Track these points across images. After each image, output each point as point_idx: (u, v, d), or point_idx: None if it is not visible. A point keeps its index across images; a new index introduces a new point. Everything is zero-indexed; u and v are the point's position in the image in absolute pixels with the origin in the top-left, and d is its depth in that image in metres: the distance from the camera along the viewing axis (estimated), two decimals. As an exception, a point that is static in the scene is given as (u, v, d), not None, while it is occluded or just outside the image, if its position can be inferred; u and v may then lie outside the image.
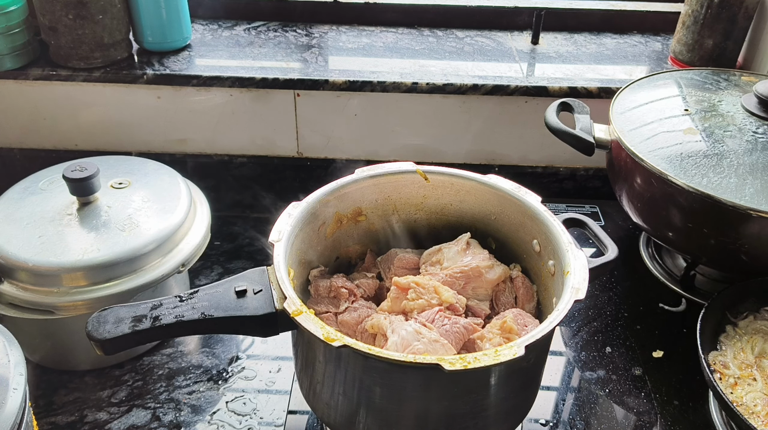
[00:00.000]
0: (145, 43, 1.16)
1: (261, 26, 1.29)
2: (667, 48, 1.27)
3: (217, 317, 0.64)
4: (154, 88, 1.15)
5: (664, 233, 0.91)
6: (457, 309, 0.73)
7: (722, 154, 0.85)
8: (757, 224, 0.79)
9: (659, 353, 0.89)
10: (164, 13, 1.13)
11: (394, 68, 1.16)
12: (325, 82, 1.12)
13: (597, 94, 1.12)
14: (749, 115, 0.91)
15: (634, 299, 0.98)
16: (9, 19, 1.06)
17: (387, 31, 1.30)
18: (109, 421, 0.80)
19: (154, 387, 0.84)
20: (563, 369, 0.88)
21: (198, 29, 1.26)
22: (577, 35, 1.30)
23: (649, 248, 1.07)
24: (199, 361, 0.88)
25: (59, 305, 0.79)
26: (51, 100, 1.17)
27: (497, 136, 1.21)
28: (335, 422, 0.69)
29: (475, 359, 0.57)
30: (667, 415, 0.82)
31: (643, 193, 0.89)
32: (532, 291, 0.79)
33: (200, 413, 0.81)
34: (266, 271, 0.68)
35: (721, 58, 1.14)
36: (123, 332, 0.62)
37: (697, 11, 1.12)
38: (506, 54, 1.22)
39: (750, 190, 0.79)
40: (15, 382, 0.58)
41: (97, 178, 0.86)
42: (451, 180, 0.82)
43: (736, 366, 0.77)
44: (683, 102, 0.96)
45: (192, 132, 1.21)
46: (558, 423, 0.81)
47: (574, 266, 0.69)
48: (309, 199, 0.78)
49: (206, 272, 1.02)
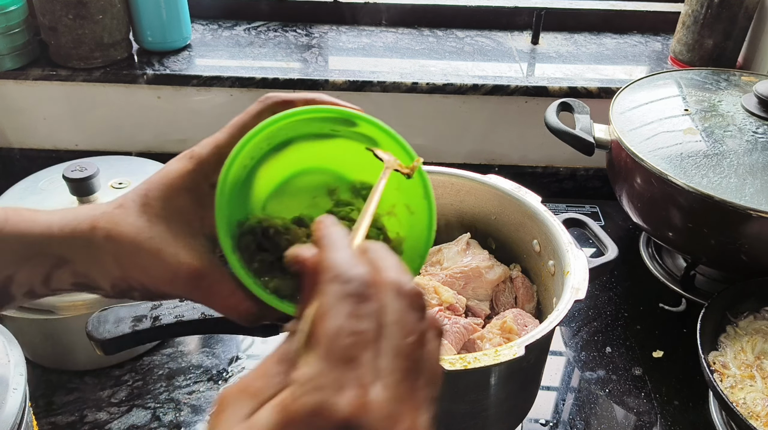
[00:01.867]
0: (145, 43, 1.16)
1: (261, 26, 1.29)
2: (667, 48, 1.27)
3: (218, 316, 0.64)
4: (154, 88, 1.15)
5: (664, 233, 0.91)
6: (457, 309, 0.73)
7: (722, 154, 0.85)
8: (757, 224, 0.79)
9: (659, 353, 0.89)
10: (164, 13, 1.13)
11: (394, 68, 1.16)
12: (325, 82, 1.12)
13: (597, 94, 1.12)
14: (749, 115, 0.91)
15: (634, 299, 0.98)
16: (9, 19, 1.06)
17: (387, 31, 1.30)
18: (109, 421, 0.80)
19: (154, 387, 0.84)
20: (563, 369, 0.88)
21: (198, 29, 1.26)
22: (577, 35, 1.30)
23: (649, 248, 1.07)
24: (199, 361, 0.88)
25: (59, 305, 0.79)
26: (51, 100, 1.17)
27: (497, 136, 1.20)
28: (335, 422, 0.69)
29: (475, 359, 0.57)
30: (667, 415, 0.82)
31: (643, 193, 0.89)
32: (532, 291, 0.79)
33: (200, 413, 0.81)
34: (266, 271, 0.68)
35: (721, 58, 1.14)
36: (123, 332, 0.62)
37: (697, 11, 1.12)
38: (506, 54, 1.22)
39: (750, 190, 0.79)
40: (15, 382, 0.58)
41: (97, 178, 0.86)
42: (450, 180, 0.82)
43: (736, 366, 0.77)
44: (683, 102, 0.96)
45: (192, 132, 1.21)
46: (558, 423, 0.81)
47: (574, 266, 0.69)
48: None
49: (206, 272, 1.02)
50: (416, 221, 0.44)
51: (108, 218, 0.36)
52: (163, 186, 0.37)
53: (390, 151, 0.40)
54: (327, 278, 0.28)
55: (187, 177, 0.38)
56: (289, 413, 0.26)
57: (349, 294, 0.27)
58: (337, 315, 0.27)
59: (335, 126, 0.41)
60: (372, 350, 0.26)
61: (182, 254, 0.37)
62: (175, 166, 0.38)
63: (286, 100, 0.39)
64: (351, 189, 0.44)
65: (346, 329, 0.26)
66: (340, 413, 0.25)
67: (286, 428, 0.25)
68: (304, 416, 0.25)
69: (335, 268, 0.28)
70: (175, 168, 0.38)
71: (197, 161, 0.38)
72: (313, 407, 0.25)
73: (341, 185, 0.44)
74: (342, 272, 0.28)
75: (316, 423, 0.25)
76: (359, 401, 0.25)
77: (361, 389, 0.26)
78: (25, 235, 0.36)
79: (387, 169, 0.38)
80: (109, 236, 0.36)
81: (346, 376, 0.26)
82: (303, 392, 0.26)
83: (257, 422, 0.26)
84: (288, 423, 0.25)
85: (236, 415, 0.27)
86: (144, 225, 0.36)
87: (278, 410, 0.26)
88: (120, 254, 0.36)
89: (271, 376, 0.28)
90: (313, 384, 0.26)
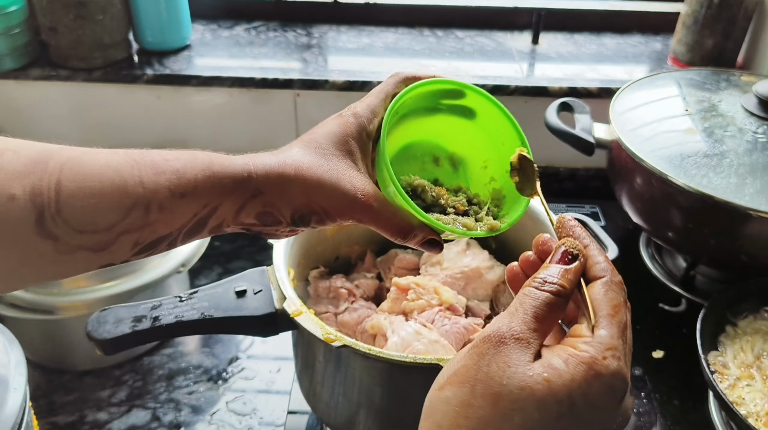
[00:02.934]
0: (145, 43, 1.16)
1: (261, 26, 1.29)
2: (667, 48, 1.27)
3: (217, 317, 0.64)
4: (153, 88, 1.15)
5: (664, 232, 0.91)
6: (457, 310, 0.73)
7: (722, 155, 0.85)
8: (757, 224, 0.79)
9: (659, 353, 0.89)
10: (164, 13, 1.13)
11: (394, 68, 1.15)
12: (325, 82, 1.12)
13: (597, 94, 1.12)
14: (749, 115, 0.91)
15: (634, 299, 0.96)
16: (9, 19, 1.06)
17: (387, 31, 1.29)
18: (109, 421, 0.80)
19: (154, 387, 0.84)
20: (563, 369, 0.88)
21: (198, 29, 1.26)
22: (577, 35, 1.30)
23: (649, 248, 1.07)
24: (199, 361, 0.88)
25: (59, 305, 0.79)
26: (51, 100, 1.17)
27: (497, 136, 1.20)
28: (335, 422, 0.69)
29: (475, 360, 0.57)
30: (667, 415, 0.82)
31: (643, 193, 0.89)
32: (532, 291, 0.79)
33: (200, 413, 0.81)
34: (266, 271, 0.68)
35: (721, 58, 1.14)
36: (123, 332, 0.62)
37: (697, 11, 1.12)
38: (506, 54, 1.22)
39: (750, 190, 0.79)
40: (15, 382, 0.58)
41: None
42: (451, 180, 0.82)
43: (735, 366, 0.77)
44: (683, 102, 0.96)
45: (192, 132, 1.21)
46: (558, 423, 0.81)
47: (574, 266, 0.69)
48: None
49: (206, 272, 1.02)
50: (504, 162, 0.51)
51: (293, 158, 0.45)
52: (333, 135, 0.47)
53: (493, 120, 0.49)
54: (622, 295, 0.41)
55: (353, 127, 0.47)
56: (597, 368, 0.34)
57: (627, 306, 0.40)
58: (624, 315, 0.39)
59: (443, 99, 0.50)
60: (629, 346, 0.38)
61: (357, 183, 0.46)
62: (338, 121, 0.48)
63: (414, 75, 0.49)
64: (449, 158, 0.53)
65: (627, 326, 0.38)
66: (627, 381, 0.35)
67: (593, 379, 0.34)
68: (608, 376, 0.34)
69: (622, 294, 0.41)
70: (340, 122, 0.48)
71: (359, 117, 0.48)
72: (617, 369, 0.34)
73: (442, 154, 0.53)
74: (623, 299, 0.41)
75: (615, 384, 0.34)
76: (628, 375, 0.36)
77: (628, 369, 0.36)
78: (231, 172, 0.44)
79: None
80: (298, 171, 0.45)
81: (627, 358, 0.36)
82: (609, 355, 0.35)
83: (557, 367, 0.34)
84: (595, 376, 0.34)
85: (520, 358, 0.35)
86: (322, 161, 0.46)
87: (586, 364, 0.34)
88: (306, 185, 0.45)
89: (531, 330, 0.36)
90: (615, 352, 0.35)
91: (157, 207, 0.42)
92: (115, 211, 0.41)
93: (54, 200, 0.39)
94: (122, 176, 0.41)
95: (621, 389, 0.35)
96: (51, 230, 0.39)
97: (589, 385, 0.34)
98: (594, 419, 0.35)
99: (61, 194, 0.40)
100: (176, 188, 0.42)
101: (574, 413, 0.34)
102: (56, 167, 0.41)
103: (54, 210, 0.39)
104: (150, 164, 0.42)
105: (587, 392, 0.34)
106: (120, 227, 0.41)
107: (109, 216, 0.41)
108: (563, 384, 0.34)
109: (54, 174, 0.40)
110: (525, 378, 0.34)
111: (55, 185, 0.40)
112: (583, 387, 0.34)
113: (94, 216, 0.40)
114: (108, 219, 0.41)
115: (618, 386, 0.35)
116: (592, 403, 0.34)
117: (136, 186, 0.41)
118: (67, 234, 0.40)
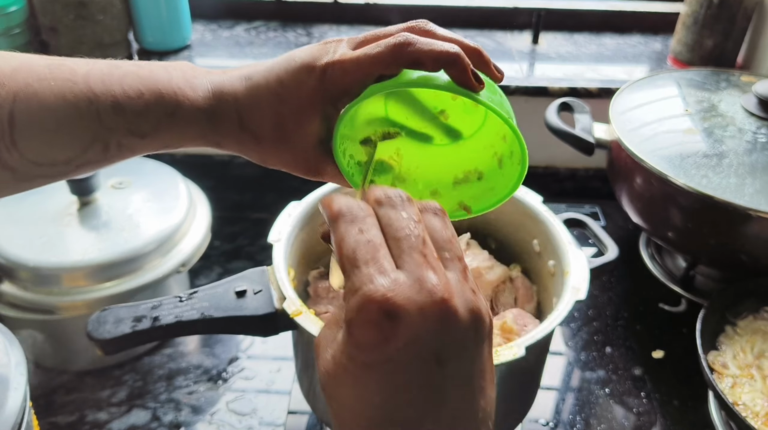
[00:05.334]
0: (145, 44, 1.16)
1: (261, 26, 1.29)
2: (667, 48, 1.27)
3: (217, 317, 0.64)
4: (154, 88, 1.15)
5: (664, 233, 0.91)
6: (457, 309, 0.73)
7: (722, 155, 0.85)
8: (757, 224, 0.79)
9: (659, 353, 0.89)
10: (164, 14, 1.13)
11: (394, 68, 1.15)
12: (325, 82, 1.12)
13: (597, 94, 1.12)
14: (749, 116, 0.91)
15: (634, 299, 0.98)
16: (10, 19, 1.06)
17: (387, 31, 1.29)
18: (109, 421, 0.80)
19: (154, 387, 0.84)
20: (563, 369, 0.88)
21: (198, 29, 1.26)
22: (577, 35, 1.30)
23: (649, 248, 1.07)
24: (199, 361, 0.88)
25: (59, 305, 0.79)
26: (51, 100, 1.17)
27: (497, 136, 1.20)
28: (335, 422, 0.69)
29: (475, 359, 0.57)
30: (667, 415, 0.82)
31: (643, 193, 0.89)
32: (532, 291, 0.79)
33: (200, 413, 0.81)
34: (266, 271, 0.68)
35: (720, 58, 1.14)
36: (123, 332, 0.62)
37: (696, 11, 1.12)
38: (506, 54, 1.22)
39: (750, 190, 0.80)
40: (16, 382, 0.58)
41: (96, 178, 0.86)
42: (451, 180, 0.82)
43: (735, 366, 0.77)
44: (683, 102, 0.96)
45: (192, 132, 1.20)
46: (558, 423, 0.81)
47: (574, 266, 0.69)
48: (309, 200, 0.78)
49: (206, 272, 1.02)
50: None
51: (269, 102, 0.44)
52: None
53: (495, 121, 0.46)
54: (339, 220, 0.34)
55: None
56: (349, 322, 0.31)
57: (351, 221, 0.33)
58: (348, 239, 0.32)
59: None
60: (382, 248, 0.32)
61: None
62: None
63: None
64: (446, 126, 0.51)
65: (359, 243, 0.32)
66: (377, 297, 0.30)
67: (351, 336, 0.31)
68: (357, 319, 0.30)
69: (342, 212, 0.34)
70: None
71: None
72: (359, 304, 0.30)
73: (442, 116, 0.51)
74: (346, 211, 0.33)
75: (366, 317, 0.30)
76: (388, 282, 0.30)
77: (384, 276, 0.31)
78: (196, 120, 0.43)
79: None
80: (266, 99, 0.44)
81: (370, 271, 0.31)
82: (350, 301, 0.31)
83: (337, 339, 0.32)
84: (352, 331, 0.31)
85: (328, 340, 0.33)
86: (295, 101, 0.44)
87: (344, 325, 0.32)
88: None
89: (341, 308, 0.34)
90: (352, 290, 0.31)
91: (116, 144, 0.42)
92: (73, 146, 0.41)
93: (8, 133, 0.39)
94: (80, 112, 0.40)
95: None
96: (8, 162, 0.39)
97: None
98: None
99: (14, 128, 0.39)
100: (137, 130, 0.42)
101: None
102: (8, 98, 0.39)
103: (9, 142, 0.39)
104: (111, 102, 0.41)
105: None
106: (78, 161, 0.41)
107: (66, 151, 0.41)
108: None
109: (5, 106, 0.39)
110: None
111: (8, 118, 0.39)
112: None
113: (50, 151, 0.40)
114: (65, 154, 0.41)
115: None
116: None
117: (93, 122, 0.41)
118: (25, 166, 0.40)
